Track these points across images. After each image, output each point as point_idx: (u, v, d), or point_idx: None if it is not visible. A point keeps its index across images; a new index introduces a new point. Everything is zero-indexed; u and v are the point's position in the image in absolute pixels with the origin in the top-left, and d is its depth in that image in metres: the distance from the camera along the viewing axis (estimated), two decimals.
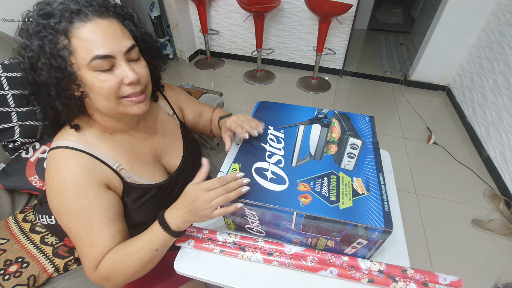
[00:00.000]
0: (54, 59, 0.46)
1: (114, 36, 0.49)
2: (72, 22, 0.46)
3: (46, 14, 0.46)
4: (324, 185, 0.54)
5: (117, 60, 0.49)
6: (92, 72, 0.48)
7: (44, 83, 0.47)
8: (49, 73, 0.46)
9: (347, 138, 0.65)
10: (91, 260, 0.53)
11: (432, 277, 0.52)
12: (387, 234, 0.48)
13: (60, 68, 0.46)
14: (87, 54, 0.46)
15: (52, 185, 0.52)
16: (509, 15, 1.78)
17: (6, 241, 0.82)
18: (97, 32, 0.47)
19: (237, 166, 0.58)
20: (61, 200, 0.52)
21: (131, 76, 0.50)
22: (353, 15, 2.30)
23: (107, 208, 0.54)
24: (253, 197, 0.52)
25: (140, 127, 0.66)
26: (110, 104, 0.52)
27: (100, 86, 0.49)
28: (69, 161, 0.53)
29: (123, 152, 0.61)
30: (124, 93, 0.52)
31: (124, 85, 0.51)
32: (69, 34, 0.46)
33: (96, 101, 0.51)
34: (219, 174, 0.77)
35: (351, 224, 0.48)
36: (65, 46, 0.46)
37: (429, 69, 2.43)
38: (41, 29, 0.45)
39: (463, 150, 1.91)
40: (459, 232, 1.42)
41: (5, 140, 0.91)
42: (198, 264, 0.58)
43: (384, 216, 0.49)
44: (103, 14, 0.48)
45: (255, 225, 0.58)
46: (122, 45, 0.49)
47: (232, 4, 2.55)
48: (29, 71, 0.48)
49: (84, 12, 0.47)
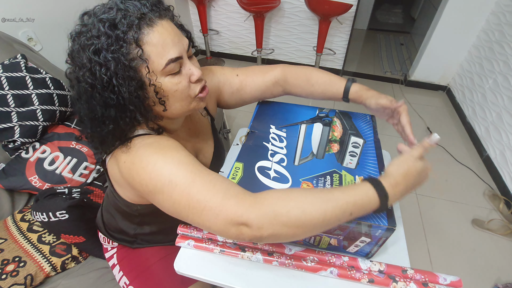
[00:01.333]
0: (132, 71, 0.43)
1: (177, 36, 0.47)
2: (140, 29, 0.43)
3: (113, 25, 0.42)
4: (327, 183, 0.55)
5: (183, 60, 0.49)
6: (165, 77, 0.47)
7: (127, 99, 0.44)
8: (129, 87, 0.43)
9: (349, 136, 0.65)
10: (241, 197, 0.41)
11: (432, 277, 0.52)
12: (390, 231, 0.48)
13: (138, 79, 0.44)
14: (161, 59, 0.45)
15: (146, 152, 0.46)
16: (509, 15, 1.78)
17: (4, 240, 0.82)
18: (165, 35, 0.45)
19: (240, 165, 0.58)
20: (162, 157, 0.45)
21: (197, 73, 0.50)
22: (353, 15, 2.30)
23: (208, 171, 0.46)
24: None
25: (183, 128, 0.65)
26: (183, 105, 0.51)
27: (175, 89, 0.48)
28: (153, 138, 0.49)
29: None
30: (196, 92, 0.51)
31: (191, 83, 0.51)
32: (140, 42, 0.43)
33: (172, 104, 0.50)
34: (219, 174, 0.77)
35: (355, 222, 0.48)
36: (138, 56, 0.43)
37: (429, 69, 2.43)
38: (112, 41, 0.41)
39: (463, 150, 1.91)
40: (459, 232, 1.42)
41: (5, 140, 0.91)
42: (198, 264, 0.58)
43: (387, 213, 0.49)
44: (161, 15, 0.46)
45: None
46: (184, 43, 0.49)
47: (232, 4, 2.55)
48: (104, 91, 0.43)
49: (148, 16, 0.44)
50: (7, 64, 0.93)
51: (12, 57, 0.96)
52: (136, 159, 0.46)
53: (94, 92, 0.44)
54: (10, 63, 0.94)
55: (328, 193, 0.42)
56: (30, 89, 0.94)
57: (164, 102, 0.49)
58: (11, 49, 1.02)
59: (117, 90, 0.43)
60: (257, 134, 0.66)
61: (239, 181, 0.55)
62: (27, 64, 0.98)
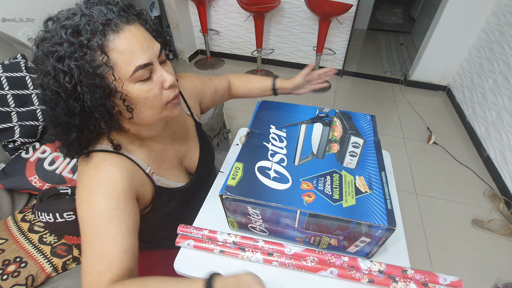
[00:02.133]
0: (96, 79, 0.42)
1: (147, 41, 0.46)
2: (105, 35, 0.42)
3: (76, 32, 0.40)
4: (327, 183, 0.54)
5: (154, 66, 0.47)
6: (134, 84, 0.45)
7: (91, 107, 0.43)
8: (93, 95, 0.42)
9: (349, 137, 0.65)
10: (95, 276, 0.44)
11: (432, 277, 0.52)
12: (390, 231, 0.48)
13: (104, 86, 0.43)
14: (129, 66, 0.43)
15: (86, 182, 0.48)
16: (509, 15, 1.78)
17: (5, 241, 0.82)
18: (132, 41, 0.43)
19: (240, 165, 0.58)
20: (88, 196, 0.47)
21: (169, 79, 0.48)
22: (353, 15, 2.30)
23: (130, 215, 0.49)
24: (256, 196, 0.52)
25: (165, 132, 0.64)
26: (155, 112, 0.50)
27: (146, 96, 0.47)
28: (108, 162, 0.49)
29: (154, 157, 0.60)
30: (169, 98, 0.50)
31: (164, 90, 0.49)
32: (106, 49, 0.42)
33: (142, 111, 0.49)
34: (219, 175, 0.77)
35: (355, 222, 0.48)
36: (104, 63, 0.42)
37: (429, 69, 2.43)
38: (76, 49, 0.40)
39: (463, 150, 1.91)
40: (459, 232, 1.42)
41: (5, 140, 0.91)
42: (198, 264, 0.58)
43: (387, 214, 0.49)
44: (129, 20, 0.45)
45: (258, 224, 0.58)
46: (155, 48, 0.47)
47: (232, 4, 2.55)
48: (68, 99, 0.42)
49: (114, 21, 0.42)
50: (7, 64, 0.93)
51: (12, 57, 0.96)
52: (79, 180, 0.50)
53: (58, 99, 0.42)
54: (10, 63, 0.94)
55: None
56: (30, 89, 0.94)
57: (132, 110, 0.47)
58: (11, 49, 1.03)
59: (82, 98, 0.42)
60: (257, 134, 0.66)
61: (239, 181, 0.55)
62: (27, 64, 0.98)
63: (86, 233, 0.47)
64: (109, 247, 0.46)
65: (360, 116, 0.72)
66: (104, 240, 0.46)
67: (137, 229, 0.53)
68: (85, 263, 0.46)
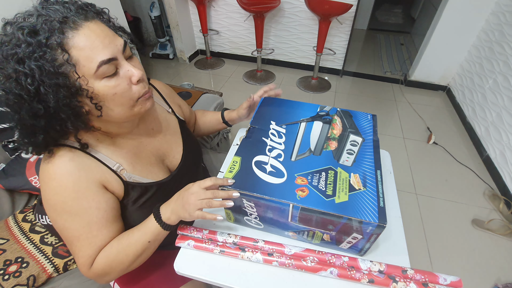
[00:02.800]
0: (59, 78, 0.42)
1: (108, 37, 0.46)
2: (64, 33, 0.42)
3: (33, 31, 0.40)
4: (322, 179, 0.55)
5: (119, 61, 0.47)
6: (100, 81, 0.45)
7: (56, 108, 0.43)
8: (57, 95, 0.42)
9: (348, 135, 0.66)
10: (86, 259, 0.53)
11: (432, 278, 0.52)
12: (381, 228, 0.48)
13: (68, 85, 0.42)
14: (92, 63, 0.43)
15: (49, 182, 0.50)
16: (509, 15, 1.78)
17: (6, 241, 0.82)
18: (92, 37, 0.43)
19: (238, 159, 0.59)
20: (59, 199, 0.50)
21: (137, 73, 0.49)
22: (353, 15, 2.30)
23: (106, 210, 0.54)
24: (252, 189, 0.53)
25: (141, 129, 0.64)
26: (125, 109, 0.50)
27: (114, 93, 0.46)
28: (65, 158, 0.50)
29: (125, 154, 0.59)
30: (140, 93, 0.51)
31: (133, 85, 0.50)
32: (66, 47, 0.42)
33: (111, 109, 0.48)
34: (219, 175, 0.78)
35: (346, 217, 0.49)
36: (66, 61, 0.42)
37: (429, 69, 2.43)
38: (34, 49, 0.40)
39: (463, 150, 1.91)
40: (459, 232, 1.42)
41: (5, 140, 0.92)
42: (198, 264, 0.58)
43: (379, 211, 0.49)
44: (88, 17, 0.45)
45: (253, 217, 0.59)
46: (118, 44, 0.47)
47: (232, 4, 2.55)
48: (32, 101, 0.42)
49: (71, 19, 0.43)
50: None
51: None
52: (44, 177, 0.51)
53: (22, 102, 0.42)
54: None
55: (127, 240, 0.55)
56: None
57: (100, 108, 0.47)
58: None
59: (45, 99, 0.42)
60: (257, 129, 0.67)
61: (236, 175, 0.56)
62: None
63: (69, 231, 0.52)
64: (97, 238, 0.53)
65: (361, 115, 0.72)
66: (91, 233, 0.53)
67: (120, 215, 0.59)
68: (75, 251, 0.54)
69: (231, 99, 2.39)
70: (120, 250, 0.54)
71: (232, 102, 2.35)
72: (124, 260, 0.54)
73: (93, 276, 0.55)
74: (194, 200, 0.52)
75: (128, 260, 0.55)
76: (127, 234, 0.56)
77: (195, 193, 0.52)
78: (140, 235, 0.54)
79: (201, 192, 0.52)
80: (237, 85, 2.63)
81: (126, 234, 0.56)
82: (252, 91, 2.52)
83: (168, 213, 0.54)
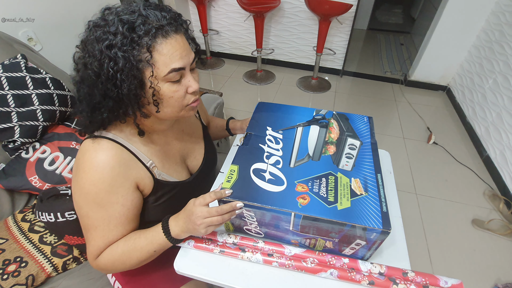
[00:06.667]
0: (137, 71, 0.47)
1: (186, 50, 0.52)
2: (155, 38, 0.47)
3: (131, 28, 0.46)
4: (322, 185, 0.54)
5: (185, 72, 0.53)
6: (165, 83, 0.51)
7: (126, 94, 0.48)
8: (130, 84, 0.47)
9: (346, 138, 0.65)
10: (96, 249, 0.56)
11: (433, 280, 0.52)
12: (385, 234, 0.48)
13: (141, 80, 0.48)
14: (166, 67, 0.49)
15: (89, 172, 0.52)
16: (509, 15, 1.78)
17: (5, 240, 0.82)
18: (175, 47, 0.49)
19: (235, 167, 0.58)
20: (93, 190, 0.52)
21: (194, 86, 0.54)
22: (353, 15, 2.30)
23: (129, 208, 0.57)
24: (251, 198, 0.52)
25: (174, 128, 0.69)
26: (174, 111, 0.55)
27: (171, 96, 0.52)
28: (109, 152, 0.53)
29: (158, 151, 0.63)
30: (189, 102, 0.56)
31: (188, 94, 0.55)
32: (151, 49, 0.47)
33: (163, 107, 0.54)
34: (219, 175, 0.78)
35: (349, 225, 0.48)
36: (147, 60, 0.47)
37: (429, 69, 2.43)
38: (127, 42, 0.46)
39: (463, 150, 1.91)
40: (459, 232, 1.42)
41: (5, 140, 0.91)
42: (198, 264, 0.58)
43: (382, 216, 0.49)
44: (178, 30, 0.51)
45: (253, 226, 0.58)
46: (191, 57, 0.53)
47: (232, 4, 2.55)
48: (107, 82, 0.47)
49: (165, 28, 0.48)
50: (7, 64, 0.93)
51: (12, 57, 0.96)
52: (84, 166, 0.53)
53: (97, 81, 0.47)
54: (10, 63, 0.93)
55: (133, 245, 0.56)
56: (30, 89, 0.94)
57: (158, 104, 0.52)
58: (11, 49, 1.02)
59: (119, 85, 0.47)
60: (253, 136, 0.66)
61: (234, 184, 0.54)
62: (27, 64, 0.98)
63: (90, 219, 0.55)
64: (111, 233, 0.55)
65: (357, 118, 0.72)
66: (108, 227, 0.55)
67: (139, 214, 0.61)
68: (89, 238, 0.56)
69: (231, 99, 2.39)
70: (124, 252, 0.56)
71: (232, 102, 2.35)
72: (126, 262, 0.56)
73: (96, 267, 0.58)
74: (201, 221, 0.52)
75: (130, 263, 0.57)
76: (134, 237, 0.57)
77: (201, 215, 0.52)
78: (147, 244, 0.56)
79: (207, 214, 0.52)
80: (237, 85, 2.63)
81: (133, 236, 0.57)
82: (252, 91, 2.53)
83: (177, 230, 0.55)
